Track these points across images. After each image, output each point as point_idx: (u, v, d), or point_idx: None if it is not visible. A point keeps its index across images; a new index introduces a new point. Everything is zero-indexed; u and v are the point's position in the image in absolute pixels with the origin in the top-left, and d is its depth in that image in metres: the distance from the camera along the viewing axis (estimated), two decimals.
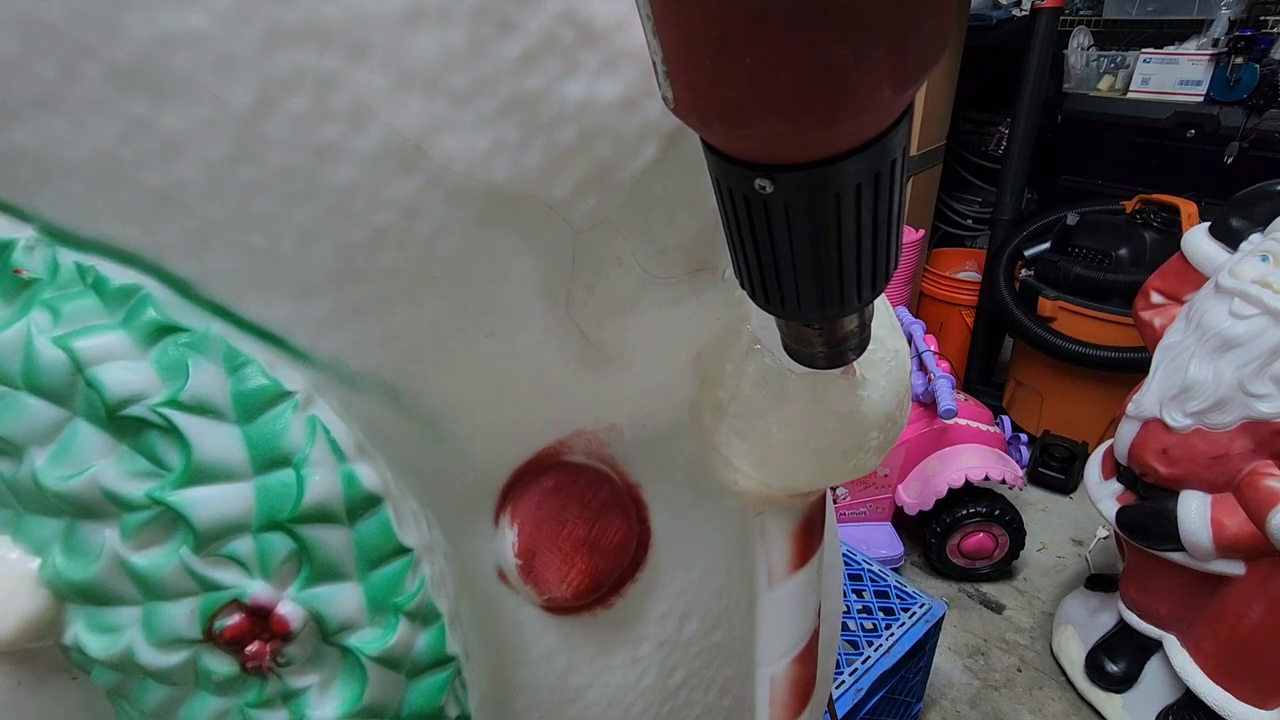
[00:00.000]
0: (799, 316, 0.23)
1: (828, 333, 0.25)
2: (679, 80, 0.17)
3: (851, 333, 0.26)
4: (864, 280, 0.22)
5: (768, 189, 0.19)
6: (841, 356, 0.27)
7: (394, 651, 0.26)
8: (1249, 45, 1.91)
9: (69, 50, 0.20)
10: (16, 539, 0.24)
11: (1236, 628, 1.15)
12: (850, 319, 0.25)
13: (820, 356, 0.27)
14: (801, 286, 0.22)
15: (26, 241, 0.22)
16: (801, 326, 0.25)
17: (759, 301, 0.23)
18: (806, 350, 0.27)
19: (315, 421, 0.24)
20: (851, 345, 0.26)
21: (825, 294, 0.22)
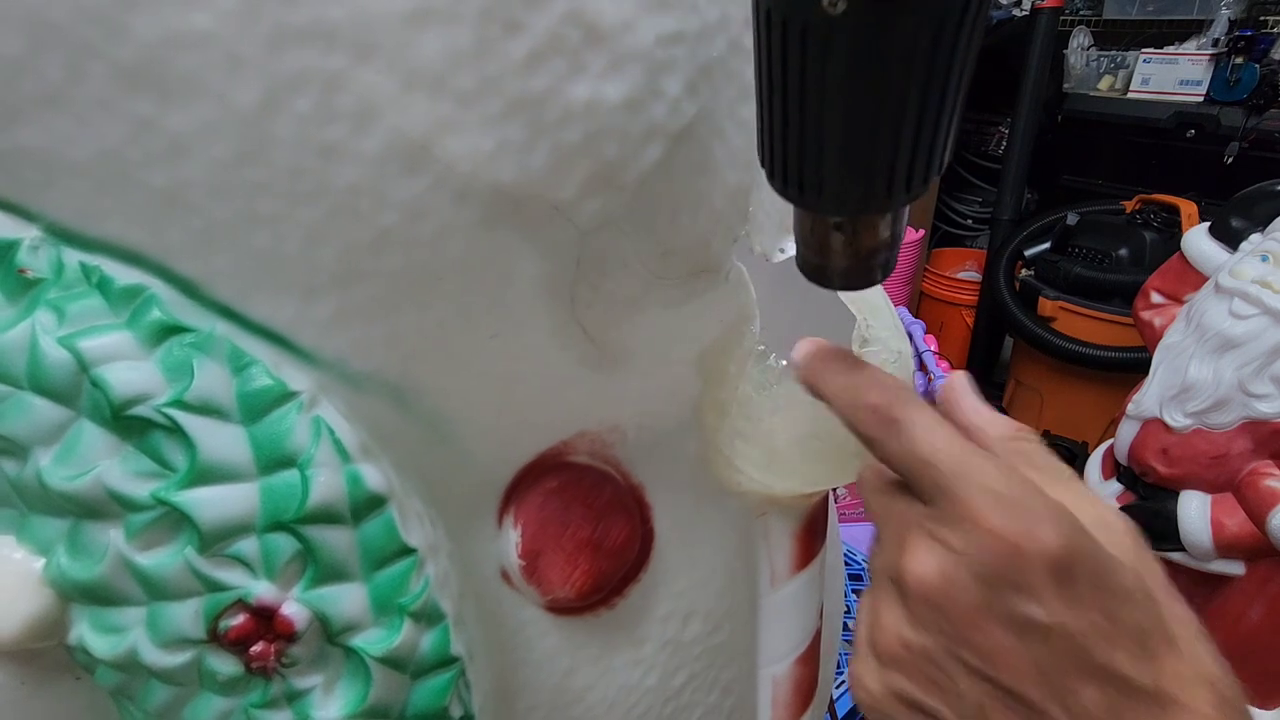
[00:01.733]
0: (834, 207, 0.21)
1: (856, 239, 0.23)
2: None
3: (882, 244, 0.23)
4: (918, 156, 0.19)
5: (839, 6, 0.16)
6: (866, 275, 0.24)
7: (398, 652, 0.26)
8: (1249, 45, 1.91)
9: (75, 50, 0.20)
10: (21, 539, 0.24)
11: (1236, 628, 1.15)
12: (883, 225, 0.22)
13: (840, 272, 0.24)
14: (847, 158, 0.19)
15: (31, 241, 0.22)
16: (829, 231, 0.23)
17: (790, 189, 0.21)
18: (828, 264, 0.24)
19: (320, 422, 0.24)
20: (877, 262, 0.24)
21: (872, 168, 0.19)
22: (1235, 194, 1.23)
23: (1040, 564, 0.22)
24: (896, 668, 0.25)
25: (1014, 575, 0.23)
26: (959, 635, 0.23)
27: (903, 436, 0.25)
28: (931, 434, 0.25)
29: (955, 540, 0.23)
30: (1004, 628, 0.23)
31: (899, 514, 0.26)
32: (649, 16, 0.24)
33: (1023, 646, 0.23)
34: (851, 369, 0.27)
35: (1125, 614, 0.23)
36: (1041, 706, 0.23)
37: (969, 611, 0.23)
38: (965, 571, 0.23)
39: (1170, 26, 2.21)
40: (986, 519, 0.23)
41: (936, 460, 0.25)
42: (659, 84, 0.25)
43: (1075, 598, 0.23)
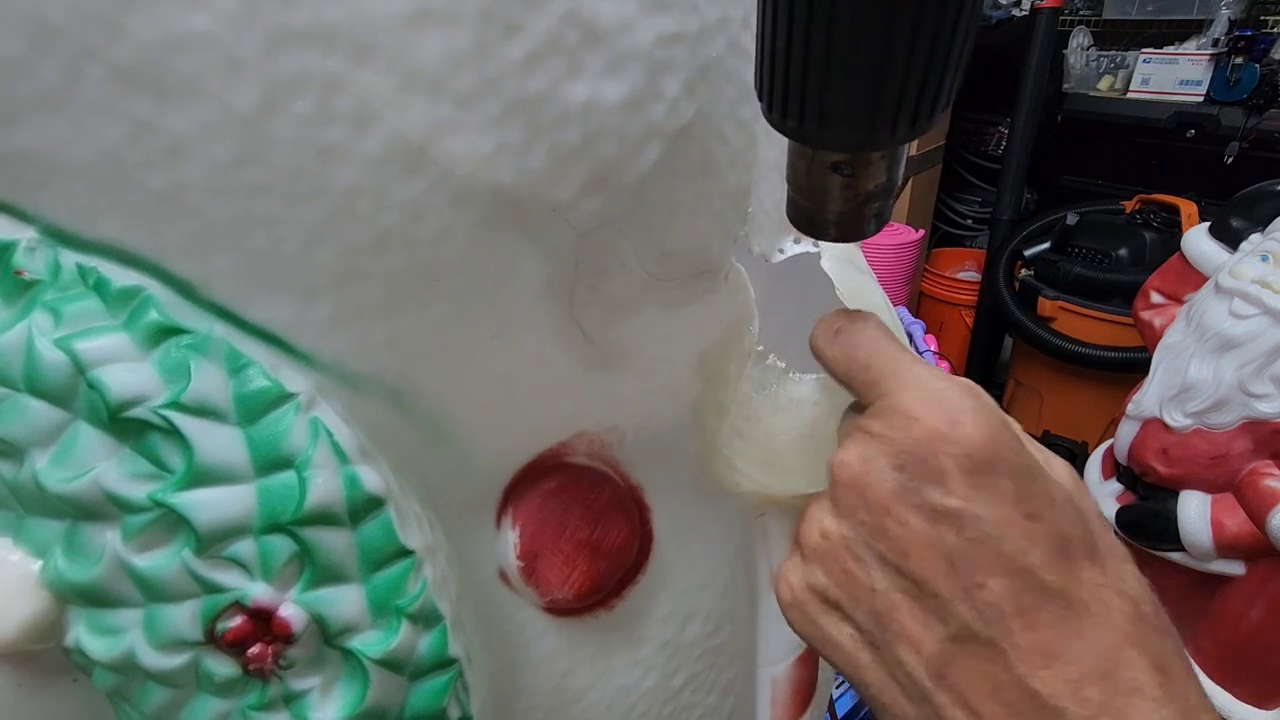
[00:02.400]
0: (837, 139, 0.20)
1: (855, 180, 0.22)
2: None
3: (878, 188, 0.22)
4: (928, 87, 0.18)
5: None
6: (861, 224, 0.24)
7: (396, 654, 0.26)
8: (1249, 45, 1.91)
9: (73, 51, 0.20)
10: (18, 541, 0.24)
11: (1236, 628, 1.15)
12: (880, 169, 0.22)
13: (834, 220, 0.23)
14: (852, 85, 0.18)
15: (28, 243, 0.22)
16: (827, 172, 0.22)
17: (791, 121, 0.20)
18: (823, 211, 0.23)
19: (318, 423, 0.24)
20: (874, 210, 0.23)
21: (880, 97, 0.18)
22: (1235, 194, 1.23)
23: (959, 451, 0.23)
24: (816, 559, 0.26)
25: (932, 461, 0.23)
26: (875, 525, 0.24)
27: (845, 341, 0.26)
28: (872, 340, 0.26)
29: (878, 427, 0.24)
30: (918, 515, 0.23)
31: (846, 423, 0.27)
32: (648, 17, 0.24)
33: (934, 533, 0.23)
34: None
35: (1048, 517, 0.23)
36: (948, 597, 0.23)
37: (885, 497, 0.23)
38: (884, 458, 0.24)
39: (1170, 26, 2.21)
40: (909, 407, 0.24)
41: (871, 361, 0.26)
42: (658, 85, 0.25)
43: (994, 490, 0.23)
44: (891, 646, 0.24)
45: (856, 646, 0.25)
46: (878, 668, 0.24)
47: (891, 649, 0.24)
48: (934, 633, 0.23)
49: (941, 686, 0.23)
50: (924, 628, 0.23)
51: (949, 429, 0.23)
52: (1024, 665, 0.22)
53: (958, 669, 0.23)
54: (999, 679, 0.22)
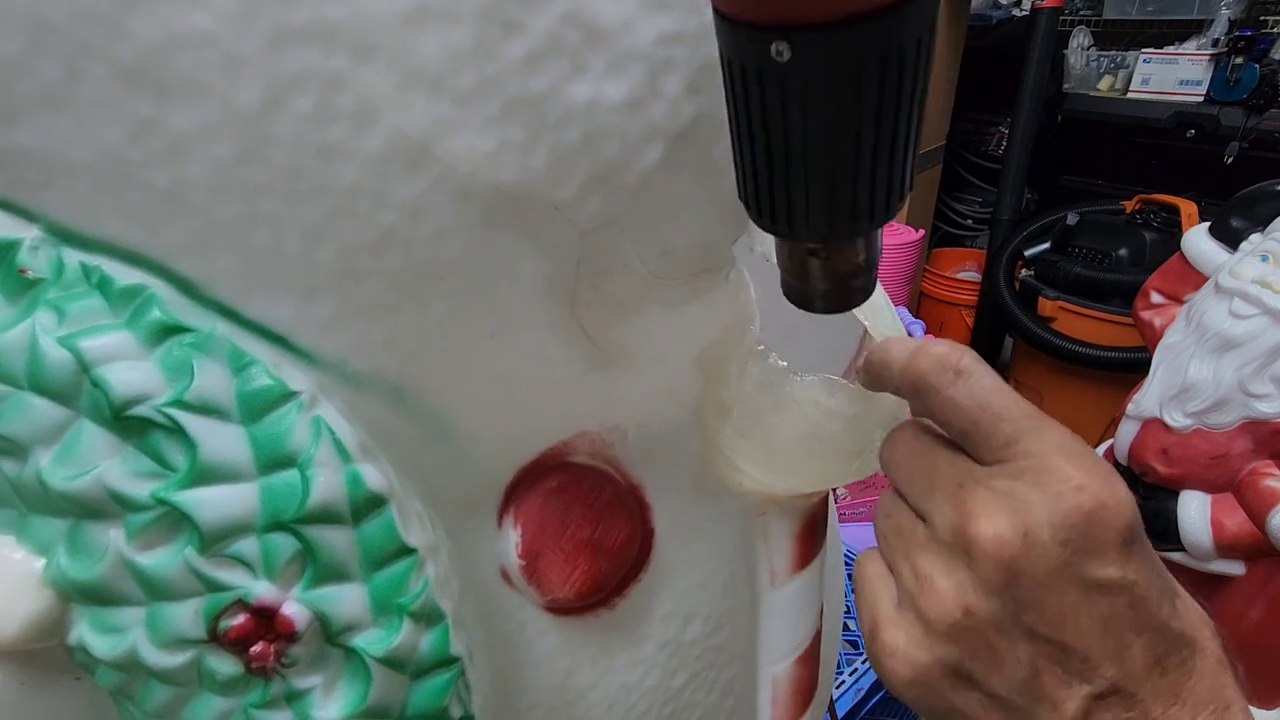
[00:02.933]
0: (805, 234, 0.22)
1: (832, 264, 0.23)
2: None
3: (857, 267, 0.24)
4: (878, 188, 0.20)
5: (785, 54, 0.17)
6: (845, 298, 0.25)
7: (398, 652, 0.26)
8: (1249, 45, 1.91)
9: (74, 50, 0.20)
10: (21, 539, 0.24)
11: (1236, 628, 1.15)
12: (857, 250, 0.23)
13: (821, 295, 0.25)
14: (811, 191, 0.20)
15: (32, 241, 0.22)
16: (805, 256, 0.24)
17: (764, 219, 0.22)
18: (808, 288, 0.25)
19: (320, 422, 0.24)
20: (856, 285, 0.24)
21: (836, 201, 0.20)
22: (1235, 194, 1.23)
23: (1121, 523, 0.22)
24: (955, 638, 0.24)
25: (1095, 534, 0.22)
26: (1029, 600, 0.23)
27: (973, 387, 0.24)
28: (1000, 390, 0.24)
29: (1034, 495, 0.22)
30: (1076, 587, 0.22)
31: (951, 473, 0.25)
32: (649, 16, 0.24)
33: (1091, 605, 0.22)
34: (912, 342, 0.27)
35: (1161, 566, 0.23)
36: (1097, 660, 0.23)
37: (1045, 575, 0.22)
38: (1047, 530, 0.22)
39: (1170, 26, 2.21)
40: (1067, 472, 0.22)
41: (1009, 414, 0.24)
42: (659, 84, 0.25)
43: (1141, 554, 0.23)
44: (1028, 709, 0.23)
45: (984, 710, 0.24)
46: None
47: (1028, 711, 0.23)
48: (1076, 692, 0.23)
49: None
50: (1066, 688, 0.23)
51: (1111, 499, 0.22)
52: (1157, 709, 0.23)
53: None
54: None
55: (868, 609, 0.27)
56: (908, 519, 0.26)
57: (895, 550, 0.26)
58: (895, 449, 0.28)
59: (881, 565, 0.27)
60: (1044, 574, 0.22)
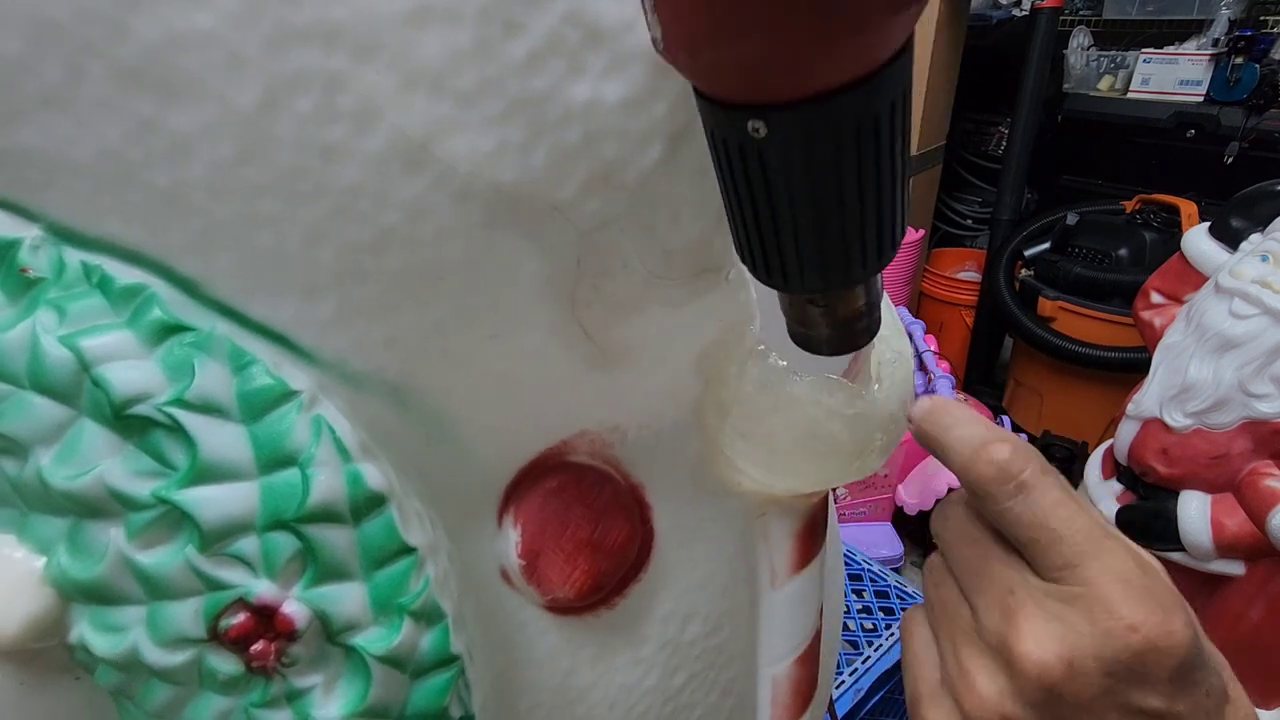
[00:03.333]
0: (801, 288, 0.22)
1: (832, 311, 0.24)
2: (665, 11, 0.17)
3: (859, 311, 0.24)
4: (869, 242, 0.20)
5: (761, 132, 0.18)
6: (850, 340, 0.25)
7: (398, 651, 0.26)
8: (1249, 45, 1.91)
9: (76, 50, 0.20)
10: (21, 538, 0.24)
11: (1236, 628, 1.15)
12: (856, 295, 0.23)
13: (826, 340, 0.25)
14: (802, 251, 0.20)
15: (32, 240, 0.22)
16: (805, 305, 0.24)
17: (759, 274, 0.22)
18: (812, 333, 0.25)
19: (320, 421, 0.24)
20: (859, 328, 0.25)
21: (828, 259, 0.21)
22: (1235, 194, 1.23)
23: (1172, 661, 0.22)
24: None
25: (1143, 670, 0.22)
26: (1070, 717, 0.23)
27: (1033, 503, 0.24)
28: (1065, 507, 0.24)
29: (1084, 626, 0.22)
30: (1119, 712, 0.22)
31: (1003, 576, 0.25)
32: None
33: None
34: (976, 421, 0.26)
35: (1213, 686, 0.23)
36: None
37: (1088, 700, 0.22)
38: (1092, 662, 0.22)
39: (1170, 26, 2.21)
40: (1121, 609, 0.22)
41: (1070, 536, 0.23)
42: (659, 84, 0.25)
43: (1190, 686, 0.23)
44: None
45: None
46: None
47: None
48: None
49: None
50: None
51: (1164, 640, 0.22)
52: None
53: None
54: None
55: (911, 675, 0.27)
56: (955, 599, 0.26)
57: (941, 626, 0.27)
58: (947, 525, 0.28)
59: (928, 631, 0.28)
60: (1086, 699, 0.22)
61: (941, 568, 0.28)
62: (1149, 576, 0.23)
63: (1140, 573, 0.23)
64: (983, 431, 0.26)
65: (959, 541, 0.27)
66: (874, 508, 1.68)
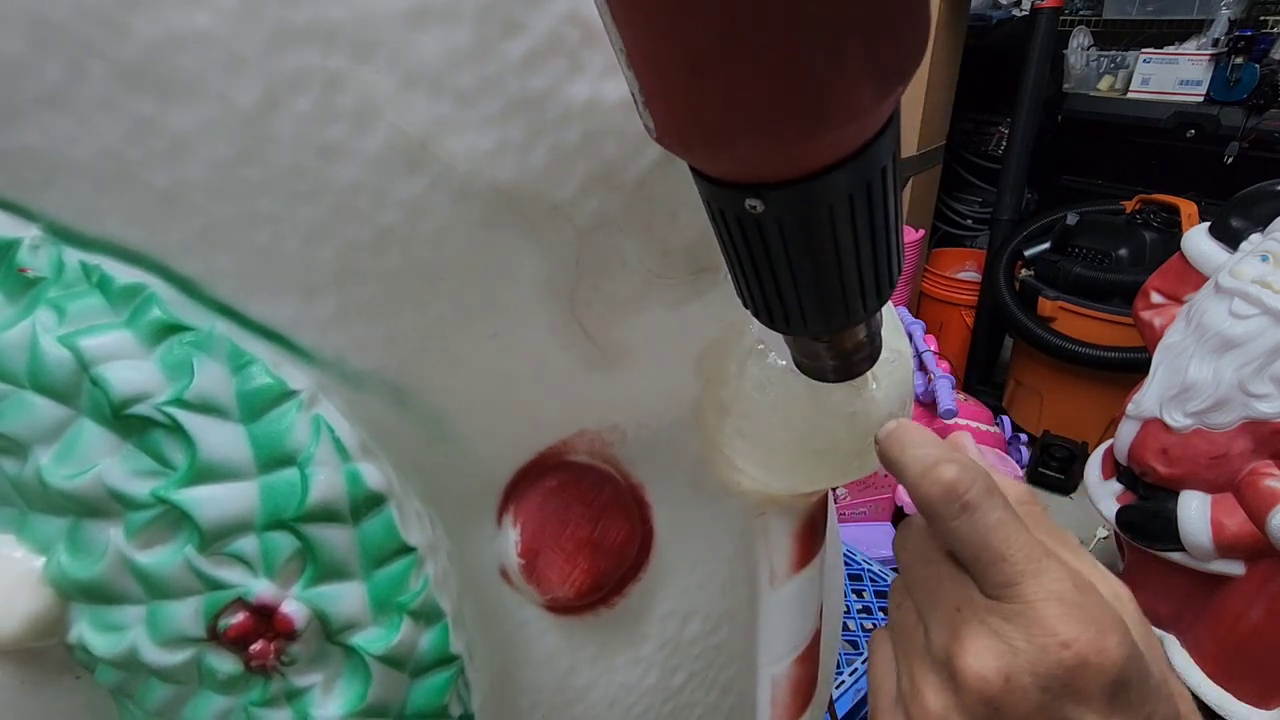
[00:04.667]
0: (805, 331, 0.23)
1: (836, 345, 0.25)
2: (657, 108, 0.17)
3: (861, 343, 0.25)
4: (867, 289, 0.21)
5: (758, 208, 0.18)
6: (853, 368, 0.26)
7: (398, 651, 0.26)
8: (1249, 45, 1.91)
9: (76, 49, 0.20)
10: (21, 538, 0.24)
11: (1236, 628, 1.15)
12: (858, 330, 0.24)
13: (831, 370, 0.26)
14: (804, 302, 0.21)
15: (32, 240, 0.22)
16: (810, 341, 0.25)
17: (763, 319, 0.23)
18: (816, 364, 0.26)
19: (320, 420, 0.24)
20: (862, 356, 0.26)
21: (829, 307, 0.21)
22: (1235, 194, 1.23)
23: (1104, 678, 0.23)
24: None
25: (1077, 685, 0.23)
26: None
27: (977, 523, 0.25)
28: (1006, 527, 0.25)
29: (1021, 643, 0.23)
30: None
31: (951, 594, 0.26)
32: None
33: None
34: (931, 443, 0.27)
35: (1159, 712, 0.24)
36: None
37: (1025, 715, 0.23)
38: (1029, 678, 0.23)
39: (1170, 26, 2.21)
40: (1057, 628, 0.23)
41: (1010, 556, 0.24)
42: None
43: (1126, 706, 0.23)
44: None
45: None
46: None
47: None
48: None
49: None
50: None
51: (1097, 656, 0.23)
52: None
53: None
54: None
55: (872, 694, 0.28)
56: (912, 620, 0.27)
57: (899, 645, 0.28)
58: (905, 547, 0.29)
59: (890, 650, 0.29)
60: (1024, 714, 0.23)
61: (901, 589, 0.29)
62: (1086, 596, 0.24)
63: (1077, 592, 0.24)
64: (935, 452, 0.26)
65: (916, 562, 0.28)
66: (874, 508, 1.68)
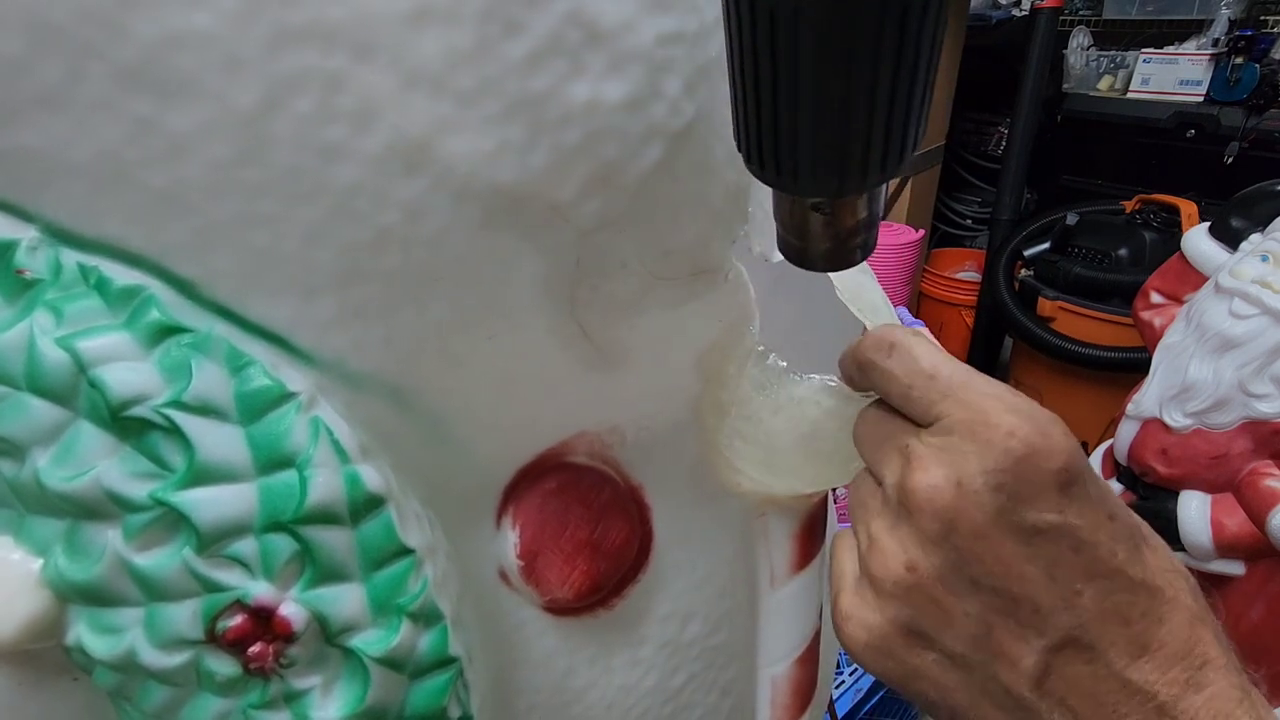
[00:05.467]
0: (812, 189, 0.21)
1: (835, 220, 0.23)
2: None
3: (860, 224, 0.23)
4: (892, 142, 0.19)
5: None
6: (847, 256, 0.24)
7: (397, 652, 0.26)
8: (1249, 45, 1.91)
9: (74, 50, 0.20)
10: (19, 540, 0.24)
11: (1236, 628, 1.15)
12: (860, 205, 0.23)
13: (822, 255, 0.24)
14: (821, 145, 0.19)
15: (30, 242, 0.22)
16: (808, 213, 0.23)
17: (769, 172, 0.21)
18: (809, 246, 0.24)
19: (318, 422, 0.24)
20: (858, 242, 0.24)
21: (846, 155, 0.19)
22: (1235, 194, 1.23)
23: (1054, 467, 0.22)
24: (902, 596, 0.24)
25: (1030, 479, 0.22)
26: (970, 551, 0.23)
27: (903, 354, 0.25)
28: (931, 354, 0.25)
29: (967, 446, 0.23)
30: (1016, 536, 0.22)
31: (894, 433, 0.25)
32: (649, 16, 0.24)
33: (1033, 552, 0.22)
34: None
35: (1120, 513, 0.23)
36: (1047, 610, 0.22)
37: (982, 524, 0.22)
38: (979, 478, 0.22)
39: (1170, 26, 2.21)
40: (996, 419, 0.23)
41: (939, 371, 0.24)
42: (659, 84, 0.25)
43: (1084, 498, 0.23)
44: (986, 665, 0.23)
45: (943, 670, 0.24)
46: (968, 688, 0.24)
47: (986, 668, 0.23)
48: (1032, 646, 0.23)
49: (1040, 694, 0.23)
50: (1021, 642, 0.23)
51: (1044, 442, 0.22)
52: (1121, 660, 0.22)
53: (1057, 675, 0.23)
54: (1098, 676, 0.22)
55: (834, 581, 0.27)
56: (869, 487, 0.27)
57: (857, 520, 0.27)
58: (861, 425, 0.28)
59: (850, 539, 0.28)
60: (981, 522, 0.22)
61: (861, 474, 0.28)
62: (1021, 399, 0.24)
63: (1012, 394, 0.24)
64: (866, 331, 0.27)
65: (867, 430, 0.27)
66: None
